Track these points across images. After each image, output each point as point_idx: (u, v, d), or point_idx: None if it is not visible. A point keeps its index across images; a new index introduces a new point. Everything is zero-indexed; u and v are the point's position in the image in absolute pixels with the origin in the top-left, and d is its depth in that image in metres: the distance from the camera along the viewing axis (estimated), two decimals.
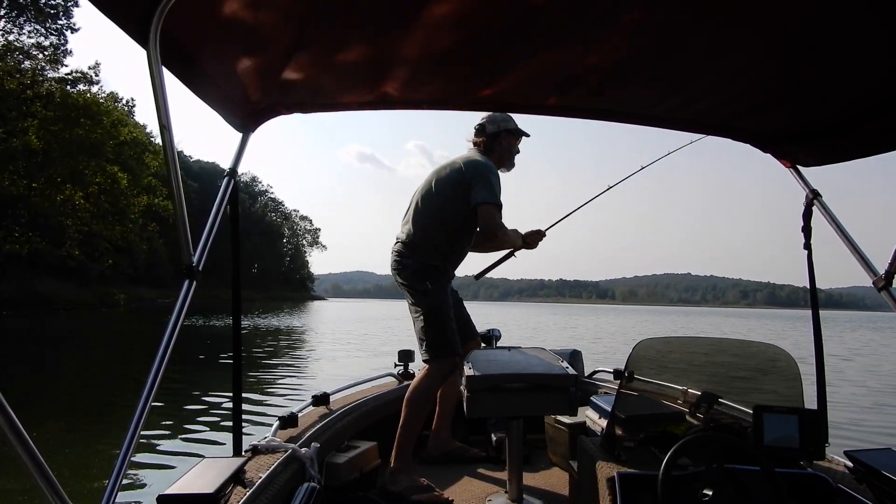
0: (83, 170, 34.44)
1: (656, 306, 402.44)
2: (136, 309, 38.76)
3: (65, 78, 36.04)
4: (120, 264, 42.77)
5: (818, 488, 1.77)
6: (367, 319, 36.65)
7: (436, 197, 2.99)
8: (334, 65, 1.79)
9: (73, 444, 5.76)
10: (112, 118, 37.04)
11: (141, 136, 43.96)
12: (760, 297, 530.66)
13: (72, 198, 34.15)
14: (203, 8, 1.39)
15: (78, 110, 33.92)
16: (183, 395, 8.20)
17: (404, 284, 2.97)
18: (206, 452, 5.33)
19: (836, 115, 1.93)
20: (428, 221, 2.97)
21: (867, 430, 7.12)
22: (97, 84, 37.86)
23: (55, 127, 32.98)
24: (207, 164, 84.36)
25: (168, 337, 1.52)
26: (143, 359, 13.08)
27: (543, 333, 26.91)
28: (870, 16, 1.34)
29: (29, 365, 11.68)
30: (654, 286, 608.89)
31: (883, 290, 1.78)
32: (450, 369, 2.83)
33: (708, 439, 1.70)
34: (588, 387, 3.35)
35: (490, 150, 3.11)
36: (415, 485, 2.67)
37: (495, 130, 3.12)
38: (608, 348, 18.47)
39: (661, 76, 1.82)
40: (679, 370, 2.19)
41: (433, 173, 3.09)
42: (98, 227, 36.36)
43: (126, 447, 1.30)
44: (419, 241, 2.95)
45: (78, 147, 33.62)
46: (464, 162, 3.02)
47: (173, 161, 1.52)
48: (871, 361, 17.76)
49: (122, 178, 36.48)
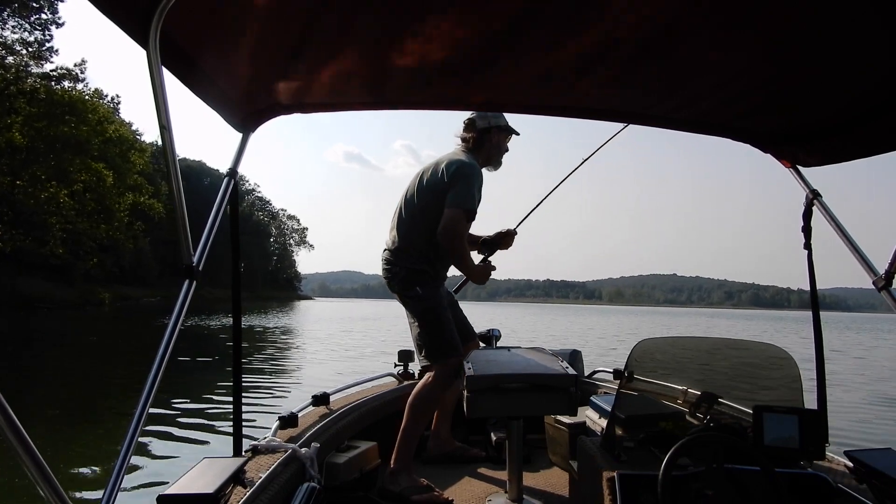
0: (68, 167, 33.97)
1: (643, 307, 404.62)
2: (121, 308, 38.47)
3: (49, 74, 35.61)
4: (105, 263, 42.28)
5: (818, 488, 1.78)
6: (358, 319, 36.61)
7: (417, 202, 2.94)
8: (334, 65, 1.78)
9: (56, 445, 5.69)
10: (98, 115, 36.56)
11: (127, 134, 43.44)
12: (745, 298, 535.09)
13: (56, 195, 33.66)
14: (203, 8, 1.38)
15: (63, 107, 33.46)
16: (183, 395, 8.16)
17: (396, 291, 2.96)
18: (206, 452, 5.29)
19: (836, 115, 1.93)
20: (410, 227, 2.93)
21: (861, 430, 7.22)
22: (83, 81, 37.49)
23: (39, 123, 32.51)
24: (195, 163, 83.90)
25: (168, 337, 1.51)
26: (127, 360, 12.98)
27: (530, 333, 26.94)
28: (870, 16, 1.35)
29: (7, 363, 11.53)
30: (641, 287, 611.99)
31: (883, 290, 1.78)
32: (453, 372, 2.78)
33: (708, 439, 1.71)
34: (588, 387, 3.36)
35: (479, 147, 3.05)
36: (415, 485, 2.67)
37: (486, 126, 3.04)
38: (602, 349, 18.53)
39: (661, 76, 1.82)
40: (679, 370, 2.20)
41: (416, 177, 3.03)
42: (83, 225, 35.82)
43: (126, 447, 1.29)
44: (403, 249, 2.92)
45: (63, 144, 33.17)
46: (445, 164, 2.93)
47: (173, 161, 1.51)
48: (865, 364, 17.69)
49: (107, 176, 36.02)
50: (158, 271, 57.79)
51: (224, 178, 1.99)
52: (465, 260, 3.00)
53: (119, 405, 7.91)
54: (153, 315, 29.49)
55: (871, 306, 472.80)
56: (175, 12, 1.27)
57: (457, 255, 2.94)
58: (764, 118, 2.09)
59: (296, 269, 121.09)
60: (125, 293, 47.04)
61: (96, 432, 6.51)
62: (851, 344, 25.97)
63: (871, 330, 46.11)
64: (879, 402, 9.95)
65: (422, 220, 2.90)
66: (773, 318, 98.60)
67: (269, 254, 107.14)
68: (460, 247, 2.90)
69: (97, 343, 17.23)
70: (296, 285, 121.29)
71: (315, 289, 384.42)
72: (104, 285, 43.37)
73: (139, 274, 53.44)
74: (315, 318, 37.09)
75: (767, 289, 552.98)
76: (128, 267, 49.54)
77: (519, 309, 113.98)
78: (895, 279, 1.76)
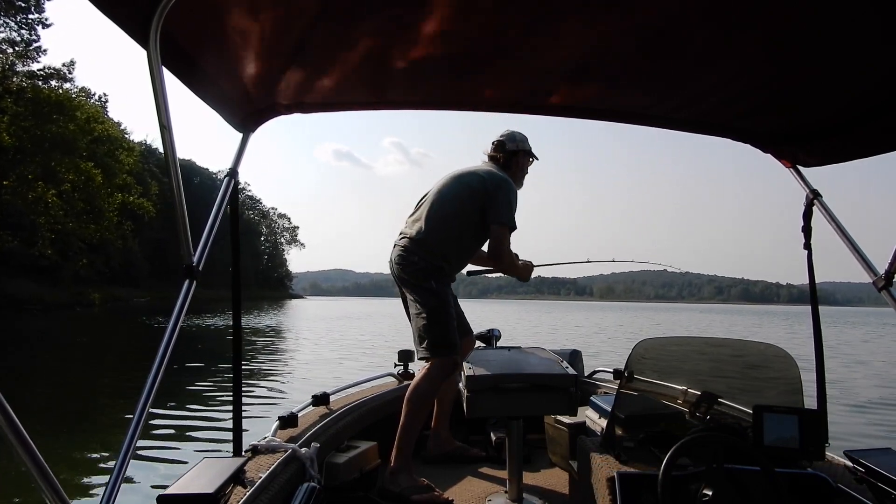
0: (56, 167, 33.65)
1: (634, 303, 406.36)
2: (111, 309, 38.19)
3: (37, 73, 35.29)
4: (94, 263, 41.98)
5: (818, 488, 1.79)
6: (355, 317, 36.54)
7: (452, 203, 2.98)
8: (334, 65, 1.79)
9: (54, 445, 5.66)
10: (86, 114, 36.26)
11: (115, 133, 43.07)
12: (735, 293, 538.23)
13: (44, 195, 33.36)
14: (203, 8, 1.38)
15: (50, 106, 33.16)
16: (183, 395, 8.15)
17: (407, 280, 2.95)
18: (206, 452, 5.28)
19: (836, 115, 1.94)
20: (440, 226, 2.95)
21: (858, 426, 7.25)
22: (70, 81, 37.19)
23: (27, 123, 32.20)
24: (184, 162, 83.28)
25: (168, 337, 1.51)
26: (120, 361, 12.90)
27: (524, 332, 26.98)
28: (870, 16, 1.36)
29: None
30: (632, 283, 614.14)
31: (883, 290, 1.79)
32: (451, 368, 2.82)
33: (708, 439, 1.72)
34: (588, 387, 3.37)
35: (507, 168, 3.14)
36: (415, 485, 2.67)
37: (514, 149, 3.16)
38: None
39: (661, 76, 1.83)
40: (679, 370, 2.20)
41: (453, 178, 3.06)
42: (71, 225, 35.54)
43: (126, 447, 1.29)
44: (429, 243, 2.93)
45: (51, 143, 32.85)
46: (487, 174, 3.01)
47: (174, 161, 1.52)
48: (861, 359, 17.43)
49: (95, 176, 35.71)
50: (148, 271, 57.43)
51: (224, 177, 1.99)
52: (514, 269, 3.23)
53: (115, 406, 7.89)
54: (144, 315, 29.31)
55: (860, 300, 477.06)
56: (175, 12, 1.27)
57: (505, 266, 3.15)
58: (764, 118, 2.10)
59: (287, 268, 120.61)
60: (115, 294, 46.66)
61: (90, 433, 6.49)
62: (845, 340, 26.00)
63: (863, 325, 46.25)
64: (880, 401, 9.86)
65: (455, 224, 2.96)
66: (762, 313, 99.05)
67: (260, 252, 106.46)
68: (509, 260, 3.10)
69: (88, 344, 17.14)
70: (287, 284, 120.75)
71: (306, 287, 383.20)
72: (94, 286, 43.02)
73: (129, 274, 53.01)
74: (312, 317, 37.01)
75: (757, 284, 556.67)
76: (117, 267, 49.13)
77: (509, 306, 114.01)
78: (895, 279, 1.76)
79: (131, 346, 16.02)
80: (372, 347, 15.75)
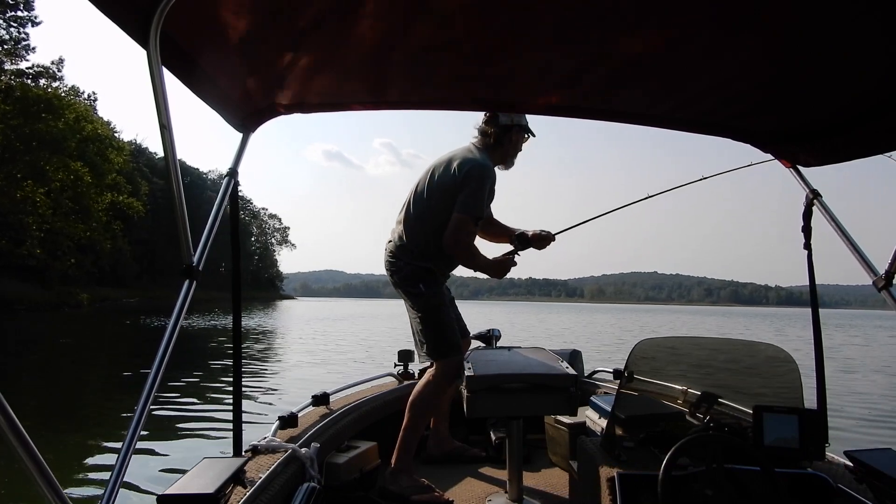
0: (45, 166, 33.37)
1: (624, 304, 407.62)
2: (100, 309, 37.87)
3: (25, 71, 35.01)
4: (83, 263, 41.62)
5: (818, 488, 1.80)
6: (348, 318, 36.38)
7: (426, 200, 2.88)
8: (334, 65, 1.78)
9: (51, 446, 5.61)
10: (75, 112, 35.97)
11: (105, 132, 42.72)
12: (724, 295, 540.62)
13: (32, 195, 33.05)
14: (203, 8, 1.37)
15: (39, 104, 32.88)
16: (182, 395, 8.11)
17: (398, 284, 2.93)
18: (206, 452, 5.26)
19: (836, 115, 1.94)
20: (417, 225, 2.89)
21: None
22: (60, 79, 36.91)
23: (15, 121, 31.90)
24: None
25: (168, 337, 1.50)
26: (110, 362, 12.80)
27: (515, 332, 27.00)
28: (869, 16, 1.36)
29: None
30: (622, 284, 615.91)
31: (883, 290, 1.78)
32: (455, 370, 2.76)
33: (708, 439, 1.72)
34: (588, 387, 3.37)
35: (499, 143, 2.96)
36: (415, 485, 2.67)
37: (508, 123, 2.95)
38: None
39: (661, 76, 1.82)
40: (679, 370, 2.21)
41: (427, 172, 2.94)
42: (60, 225, 35.25)
43: (126, 447, 1.28)
44: (409, 245, 2.88)
45: (39, 142, 32.58)
46: (458, 163, 2.84)
47: (174, 161, 1.51)
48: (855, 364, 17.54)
49: (85, 175, 35.41)
50: (137, 271, 57.05)
51: (224, 177, 1.99)
52: (474, 262, 2.97)
53: (113, 406, 7.85)
54: (132, 316, 29.10)
55: (846, 302, 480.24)
56: (175, 12, 1.26)
57: (462, 259, 2.95)
58: (764, 118, 2.10)
59: (278, 269, 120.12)
60: (104, 294, 46.35)
61: (85, 433, 6.43)
62: (838, 343, 26.08)
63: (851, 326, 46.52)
64: (879, 400, 9.90)
65: (430, 219, 2.85)
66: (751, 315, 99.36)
67: (251, 253, 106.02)
68: (464, 252, 2.88)
69: (76, 345, 16.95)
70: (278, 285, 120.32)
71: (297, 288, 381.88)
72: (82, 286, 42.65)
73: (118, 274, 52.68)
74: (306, 318, 36.81)
75: (746, 286, 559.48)
76: (106, 267, 48.80)
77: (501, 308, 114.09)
78: (895, 279, 1.77)
79: (124, 347, 15.88)
80: (371, 348, 15.74)
